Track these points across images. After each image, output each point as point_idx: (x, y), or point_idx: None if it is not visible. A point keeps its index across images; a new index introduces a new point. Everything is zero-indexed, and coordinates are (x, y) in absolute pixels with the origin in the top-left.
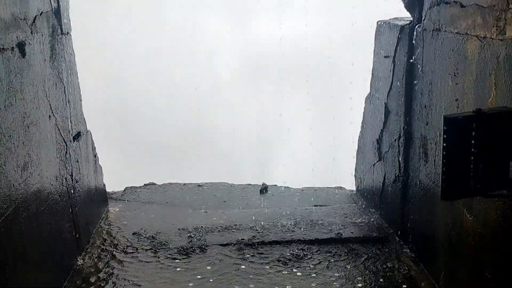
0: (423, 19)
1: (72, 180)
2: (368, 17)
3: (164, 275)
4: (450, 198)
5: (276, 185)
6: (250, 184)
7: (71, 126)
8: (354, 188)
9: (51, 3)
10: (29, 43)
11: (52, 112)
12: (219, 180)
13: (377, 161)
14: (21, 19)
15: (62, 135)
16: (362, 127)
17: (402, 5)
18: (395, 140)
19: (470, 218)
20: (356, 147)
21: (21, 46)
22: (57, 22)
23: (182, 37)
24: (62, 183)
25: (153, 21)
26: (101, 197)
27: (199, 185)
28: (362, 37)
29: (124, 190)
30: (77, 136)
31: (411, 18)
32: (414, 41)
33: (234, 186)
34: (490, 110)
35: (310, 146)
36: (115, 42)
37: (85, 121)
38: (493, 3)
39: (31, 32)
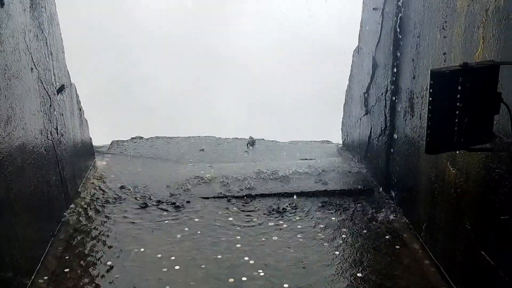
0: None
1: (58, 134)
2: None
3: (152, 227)
4: (435, 151)
5: (263, 139)
6: (238, 138)
7: (54, 79)
8: (341, 142)
9: None
10: None
11: (34, 65)
12: (206, 134)
13: (363, 115)
14: None
15: (46, 88)
16: (350, 80)
17: None
18: (382, 93)
19: (453, 171)
20: (344, 101)
21: None
22: None
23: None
24: (47, 136)
25: None
26: (87, 150)
27: (186, 139)
28: None
29: (111, 144)
30: (61, 89)
31: None
32: None
33: (221, 140)
34: (477, 64)
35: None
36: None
37: (68, 74)
38: None
39: None
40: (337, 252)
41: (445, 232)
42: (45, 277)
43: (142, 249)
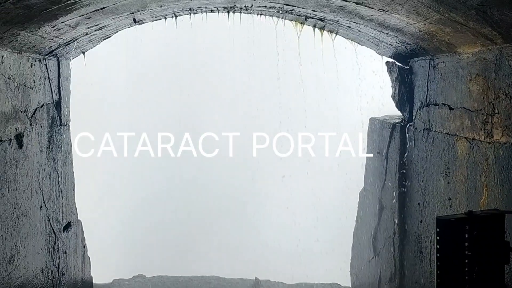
0: (414, 118)
1: (58, 273)
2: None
3: None
4: None
5: (269, 280)
6: (242, 279)
7: (62, 216)
8: (350, 285)
9: (52, 95)
10: (27, 134)
11: (44, 203)
12: (211, 273)
13: (372, 257)
14: (21, 111)
15: (52, 225)
16: (357, 221)
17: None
18: (390, 236)
19: None
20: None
21: (19, 137)
22: (57, 113)
23: None
24: (48, 276)
25: None
26: None
27: (189, 279)
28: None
29: (112, 282)
30: (67, 227)
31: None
32: (406, 139)
33: (226, 280)
34: (482, 213)
35: None
36: None
37: (76, 211)
38: (479, 107)
39: (30, 124)
40: None
41: None
42: None
43: None
